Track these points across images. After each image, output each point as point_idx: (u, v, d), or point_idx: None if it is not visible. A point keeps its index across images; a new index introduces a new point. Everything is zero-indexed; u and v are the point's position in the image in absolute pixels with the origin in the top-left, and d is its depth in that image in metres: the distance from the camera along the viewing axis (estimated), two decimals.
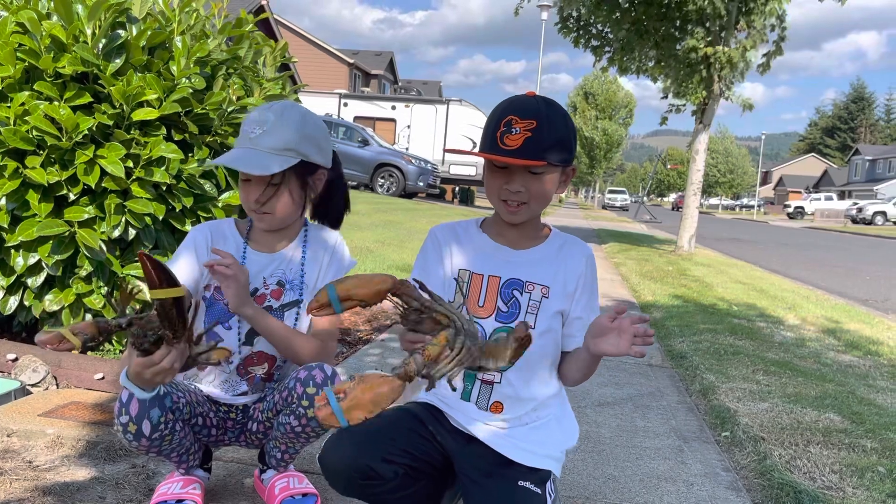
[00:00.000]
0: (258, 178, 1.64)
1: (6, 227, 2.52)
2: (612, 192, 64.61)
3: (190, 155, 2.76)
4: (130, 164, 2.57)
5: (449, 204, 21.95)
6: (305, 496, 1.77)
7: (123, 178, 2.52)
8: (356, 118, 22.42)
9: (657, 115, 11.98)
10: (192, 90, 2.69)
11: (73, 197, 2.55)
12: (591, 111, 49.37)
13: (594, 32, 11.12)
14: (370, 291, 1.16)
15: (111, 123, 2.57)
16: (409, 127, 22.86)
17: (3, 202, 2.51)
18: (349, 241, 1.88)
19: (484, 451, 1.54)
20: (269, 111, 1.65)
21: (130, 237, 2.62)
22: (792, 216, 50.16)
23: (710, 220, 37.98)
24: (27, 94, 2.53)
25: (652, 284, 6.85)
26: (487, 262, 1.59)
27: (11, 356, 2.64)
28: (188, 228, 2.69)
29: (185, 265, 1.69)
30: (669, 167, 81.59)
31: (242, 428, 1.82)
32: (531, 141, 1.42)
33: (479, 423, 1.56)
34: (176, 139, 2.73)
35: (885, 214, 38.88)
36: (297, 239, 1.80)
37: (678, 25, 10.28)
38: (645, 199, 44.32)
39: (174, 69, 2.69)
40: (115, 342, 2.87)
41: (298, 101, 3.38)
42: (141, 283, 2.64)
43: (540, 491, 1.49)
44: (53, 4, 2.61)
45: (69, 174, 2.51)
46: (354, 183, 17.89)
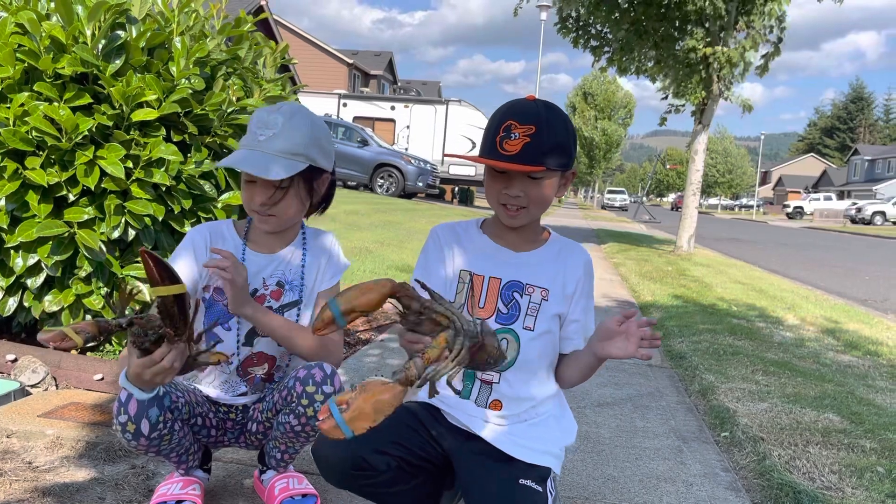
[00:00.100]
0: (265, 180, 1.63)
1: (6, 227, 2.52)
2: (611, 192, 64.60)
3: (189, 156, 2.76)
4: (130, 164, 2.57)
5: (448, 204, 21.95)
6: (305, 497, 1.77)
7: (123, 178, 2.52)
8: (355, 118, 22.43)
9: (656, 115, 12.00)
10: (191, 91, 2.69)
11: (72, 198, 2.55)
12: (590, 111, 49.40)
13: (593, 33, 11.12)
14: (371, 300, 1.16)
15: (111, 124, 2.57)
16: (408, 127, 22.87)
17: (2, 203, 2.51)
18: (348, 241, 1.88)
19: (483, 447, 1.55)
20: (278, 114, 1.64)
21: (130, 238, 2.62)
22: (791, 216, 50.18)
23: (709, 220, 38.00)
24: (27, 94, 2.53)
25: (651, 285, 6.85)
26: (488, 263, 1.60)
27: (11, 357, 2.64)
28: (188, 229, 2.69)
29: (183, 266, 1.69)
30: (669, 167, 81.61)
31: (242, 428, 1.82)
32: (530, 146, 1.43)
33: (477, 419, 1.57)
34: (175, 140, 2.73)
35: (884, 214, 38.91)
36: (295, 240, 1.80)
37: (677, 26, 10.28)
38: (644, 199, 44.33)
39: (174, 70, 2.69)
40: (114, 343, 2.87)
41: (298, 101, 3.38)
42: (140, 283, 2.64)
43: (541, 489, 1.50)
44: (53, 5, 2.61)
45: (69, 175, 2.51)
46: (354, 183, 17.89)
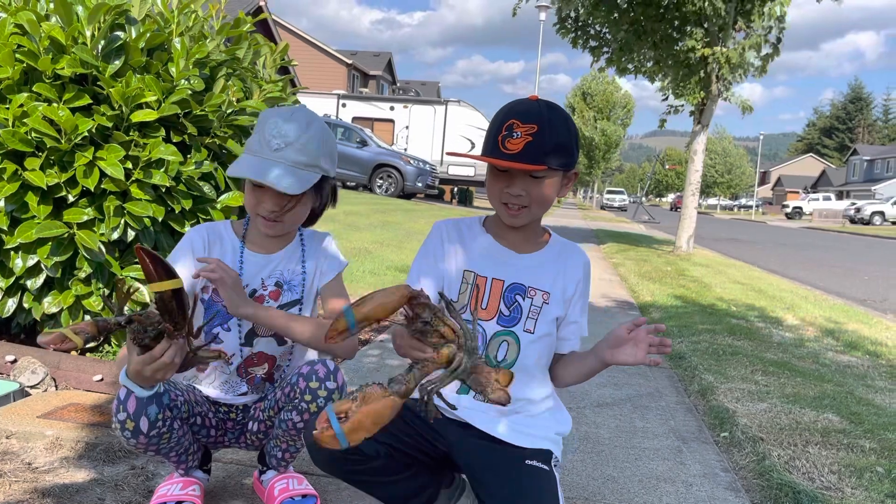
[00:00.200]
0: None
1: (5, 228, 2.52)
2: (610, 192, 64.62)
3: (189, 157, 2.76)
4: (129, 165, 2.57)
5: (447, 204, 21.95)
6: (305, 497, 1.77)
7: (123, 179, 2.52)
8: (354, 119, 22.43)
9: (655, 115, 12.01)
10: (191, 92, 2.69)
11: (72, 199, 2.55)
12: (589, 112, 49.43)
13: (592, 33, 11.13)
14: (387, 308, 1.17)
15: (110, 125, 2.57)
16: (407, 128, 22.88)
17: (2, 204, 2.51)
18: (348, 242, 1.88)
19: (484, 435, 1.57)
20: (291, 122, 1.62)
21: (130, 239, 2.62)
22: (790, 216, 50.21)
23: (708, 220, 38.02)
24: (26, 95, 2.53)
25: (650, 285, 6.85)
26: (491, 264, 1.61)
27: (10, 358, 2.63)
28: (187, 230, 2.69)
29: (181, 267, 1.69)
30: (668, 167, 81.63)
31: (243, 428, 1.82)
32: (532, 145, 1.44)
33: (475, 412, 1.59)
34: (175, 141, 2.73)
35: (883, 214, 38.94)
36: (293, 241, 1.80)
37: (676, 26, 10.29)
38: (643, 199, 44.34)
39: (173, 71, 2.69)
40: (114, 344, 2.87)
41: (298, 102, 3.38)
42: (138, 283, 2.64)
43: (548, 468, 1.54)
44: (53, 6, 2.61)
45: (68, 176, 2.51)
46: (353, 184, 17.89)
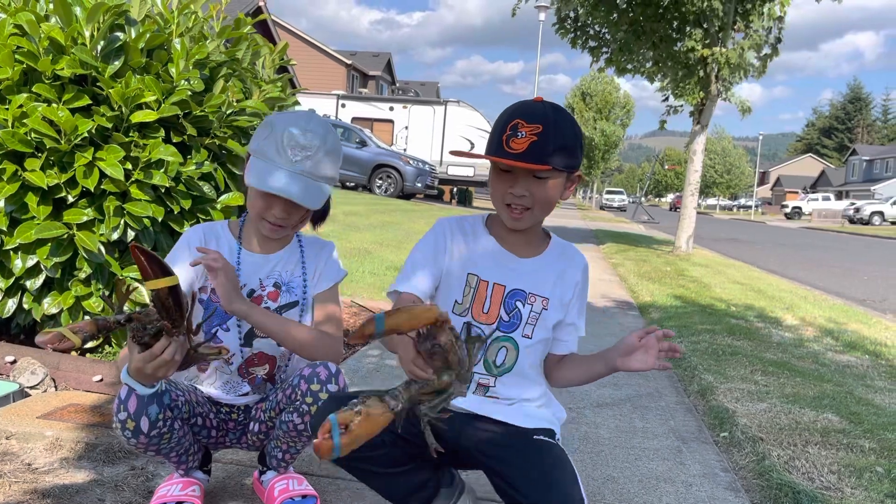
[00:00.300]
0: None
1: (5, 229, 2.52)
2: (609, 192, 64.60)
3: (188, 157, 2.76)
4: (129, 166, 2.57)
5: (447, 204, 21.95)
6: (305, 497, 1.77)
7: (122, 180, 2.52)
8: (354, 119, 22.43)
9: (655, 115, 12.01)
10: (190, 92, 2.69)
11: (71, 199, 2.55)
12: (588, 112, 49.46)
13: (592, 33, 11.13)
14: (413, 326, 1.17)
15: (110, 126, 2.57)
16: (406, 128, 22.88)
17: (2, 204, 2.51)
18: (347, 242, 1.89)
19: (488, 420, 1.59)
20: (312, 134, 1.61)
21: (129, 239, 2.61)
22: (789, 216, 50.22)
23: (707, 220, 38.02)
24: (25, 96, 2.53)
25: (650, 285, 6.86)
26: (493, 268, 1.61)
27: (10, 358, 2.63)
28: (185, 230, 2.69)
29: (179, 266, 1.70)
30: (667, 168, 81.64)
31: (244, 429, 1.82)
32: (536, 145, 1.44)
33: (476, 404, 1.60)
34: (175, 141, 2.73)
35: (882, 214, 38.97)
36: (291, 243, 1.81)
37: (676, 26, 10.29)
38: (643, 199, 44.36)
39: (173, 71, 2.69)
40: (114, 344, 2.87)
41: (297, 103, 3.38)
42: (138, 283, 2.64)
43: (555, 442, 1.55)
44: (52, 6, 2.61)
45: (68, 176, 2.51)
46: (352, 184, 17.89)
